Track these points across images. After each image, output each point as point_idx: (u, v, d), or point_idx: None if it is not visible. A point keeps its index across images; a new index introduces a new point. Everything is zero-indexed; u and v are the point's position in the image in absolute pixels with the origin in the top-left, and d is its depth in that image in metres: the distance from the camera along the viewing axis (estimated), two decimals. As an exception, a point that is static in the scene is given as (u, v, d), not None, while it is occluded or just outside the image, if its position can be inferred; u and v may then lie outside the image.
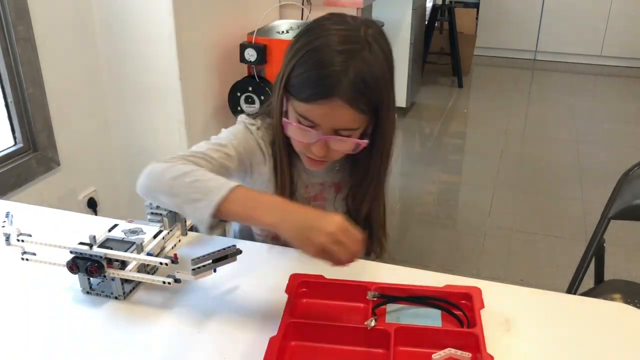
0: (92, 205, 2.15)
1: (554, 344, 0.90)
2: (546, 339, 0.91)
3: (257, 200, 0.90)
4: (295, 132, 1.02)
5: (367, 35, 0.99)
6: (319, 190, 1.18)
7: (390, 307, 0.95)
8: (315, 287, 0.99)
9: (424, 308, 0.95)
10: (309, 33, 1.02)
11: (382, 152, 1.09)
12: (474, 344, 0.86)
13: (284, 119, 1.03)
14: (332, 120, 0.97)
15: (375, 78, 0.97)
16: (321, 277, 1.00)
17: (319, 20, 1.05)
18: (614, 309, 1.02)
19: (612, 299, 1.46)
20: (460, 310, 0.94)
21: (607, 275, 1.58)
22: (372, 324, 0.87)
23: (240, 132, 1.11)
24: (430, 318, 0.94)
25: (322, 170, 1.14)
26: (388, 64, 1.01)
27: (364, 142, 1.02)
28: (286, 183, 1.12)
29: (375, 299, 0.94)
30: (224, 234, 1.27)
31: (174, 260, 0.94)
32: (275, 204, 0.90)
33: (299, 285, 0.98)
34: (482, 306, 0.93)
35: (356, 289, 0.97)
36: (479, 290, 0.96)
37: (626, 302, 1.34)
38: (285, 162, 1.10)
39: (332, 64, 0.95)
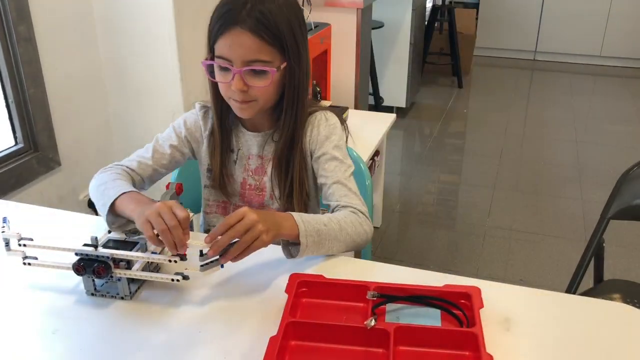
0: (92, 205, 2.13)
1: (553, 344, 0.90)
2: (545, 339, 0.91)
3: (134, 201, 1.07)
4: (216, 74, 1.13)
5: None
6: (259, 164, 1.26)
7: (389, 306, 0.96)
8: (315, 286, 0.99)
9: (423, 308, 0.96)
10: None
11: (294, 97, 1.16)
12: (474, 343, 0.86)
13: (205, 63, 1.14)
14: (240, 49, 1.07)
15: (273, 12, 1.07)
16: (321, 276, 1.00)
17: None
18: (614, 309, 1.02)
19: (611, 299, 1.46)
20: (460, 309, 0.94)
21: (607, 275, 1.58)
22: (372, 323, 0.87)
23: (185, 117, 1.29)
24: (429, 318, 0.94)
25: (258, 139, 1.24)
26: (291, 10, 1.12)
27: (273, 69, 1.09)
28: (223, 149, 1.25)
29: (374, 298, 0.95)
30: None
31: (183, 257, 0.94)
32: (141, 201, 1.06)
33: (298, 285, 0.98)
34: (482, 306, 0.93)
35: (356, 289, 0.97)
36: (478, 290, 0.96)
37: (626, 302, 1.34)
38: (217, 124, 1.23)
39: (230, 1, 1.08)
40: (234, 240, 0.95)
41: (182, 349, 0.89)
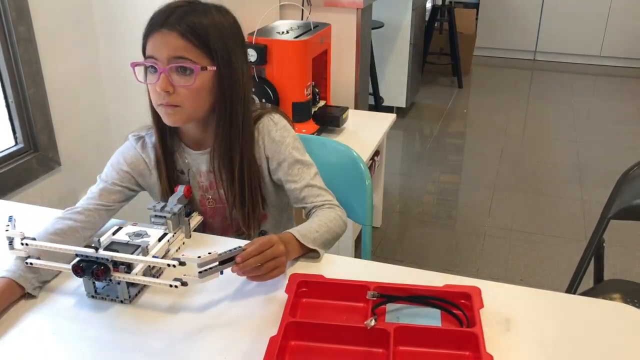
0: (92, 205, 2.15)
1: (553, 344, 0.90)
2: (545, 339, 0.91)
3: None
4: (143, 75, 1.13)
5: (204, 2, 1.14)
6: (212, 179, 1.24)
7: (390, 306, 0.96)
8: (315, 286, 0.99)
9: (423, 308, 0.96)
10: None
11: (226, 106, 1.14)
12: (474, 343, 0.86)
13: (133, 63, 1.13)
14: (165, 47, 1.08)
15: (203, 21, 1.09)
16: (321, 277, 1.00)
17: None
18: (614, 309, 1.02)
19: (611, 299, 1.46)
20: (460, 309, 0.94)
21: (607, 275, 1.58)
22: (372, 323, 0.87)
23: (123, 154, 1.26)
24: (429, 318, 0.94)
25: (200, 154, 1.22)
26: (224, 21, 1.13)
27: (197, 67, 1.08)
28: (173, 173, 1.23)
29: (374, 298, 0.95)
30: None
31: (182, 262, 0.94)
32: None
33: (299, 285, 0.98)
34: (482, 306, 0.93)
35: (356, 289, 0.97)
36: (478, 290, 0.96)
37: (626, 301, 1.34)
38: (159, 145, 1.21)
39: (165, 9, 1.11)
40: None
41: (182, 349, 0.89)
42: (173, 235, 1.08)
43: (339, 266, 1.10)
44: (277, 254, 1.01)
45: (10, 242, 1.03)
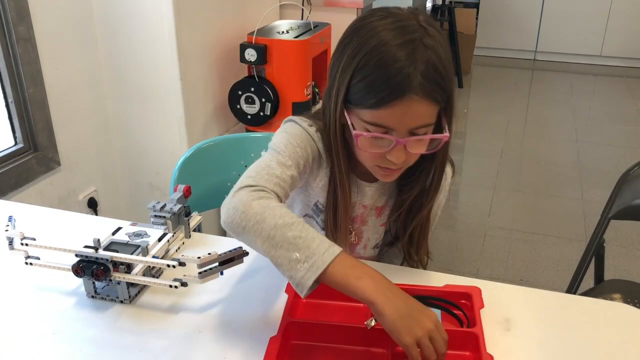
0: (92, 205, 2.15)
1: (553, 344, 0.90)
2: (546, 339, 0.91)
3: (360, 270, 0.82)
4: (368, 143, 0.93)
5: (420, 21, 0.90)
6: (360, 212, 1.13)
7: None
8: None
9: None
10: (358, 34, 0.91)
11: (445, 150, 1.00)
12: (474, 343, 0.86)
13: (354, 131, 0.93)
14: (409, 119, 0.89)
15: (443, 63, 0.88)
16: None
17: (363, 19, 0.94)
18: (614, 309, 1.02)
19: (612, 299, 1.46)
20: (460, 309, 0.94)
21: (607, 275, 1.58)
22: (372, 323, 0.87)
23: (298, 138, 1.01)
24: None
25: (374, 189, 1.10)
26: (447, 45, 0.92)
27: (446, 135, 0.93)
28: (346, 196, 1.05)
29: None
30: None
31: (182, 262, 0.94)
32: (379, 279, 0.82)
33: None
34: (482, 306, 0.93)
35: None
36: (478, 290, 0.96)
37: (626, 301, 1.34)
38: (345, 175, 1.03)
39: (397, 60, 0.86)
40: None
41: (182, 349, 0.89)
42: (173, 235, 1.08)
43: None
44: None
45: (10, 242, 1.03)
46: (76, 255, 0.96)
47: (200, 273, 0.93)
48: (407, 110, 0.87)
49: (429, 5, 4.68)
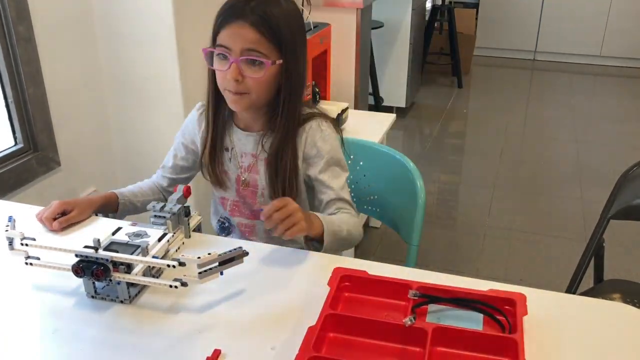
0: (92, 205, 2.14)
1: (553, 344, 0.90)
2: (545, 339, 0.91)
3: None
4: (215, 62, 1.18)
5: None
6: (252, 162, 1.29)
7: (432, 307, 0.95)
8: (358, 282, 0.99)
9: (466, 311, 0.94)
10: None
11: (289, 98, 1.20)
12: (513, 350, 0.84)
13: (205, 50, 1.18)
14: (240, 39, 1.13)
15: (276, 14, 1.14)
16: (364, 272, 1.00)
17: None
18: (614, 309, 1.02)
19: (611, 299, 1.46)
20: (503, 315, 0.93)
21: (607, 275, 1.58)
22: (410, 322, 0.87)
23: (185, 125, 1.39)
24: (472, 321, 0.93)
25: (251, 137, 1.28)
26: (294, 16, 1.19)
27: (268, 62, 1.13)
28: (218, 146, 1.29)
29: (416, 297, 0.94)
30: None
31: (182, 262, 0.94)
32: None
33: (341, 279, 0.98)
34: (526, 313, 0.91)
35: (398, 287, 0.97)
36: (523, 297, 0.94)
37: (626, 301, 1.34)
38: (212, 119, 1.28)
39: (239, 0, 1.15)
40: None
41: (182, 349, 0.89)
42: (173, 236, 1.08)
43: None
44: (292, 210, 1.04)
45: (10, 242, 1.03)
46: (76, 256, 0.96)
47: (200, 273, 0.93)
48: (238, 31, 1.13)
49: (428, 5, 4.68)
